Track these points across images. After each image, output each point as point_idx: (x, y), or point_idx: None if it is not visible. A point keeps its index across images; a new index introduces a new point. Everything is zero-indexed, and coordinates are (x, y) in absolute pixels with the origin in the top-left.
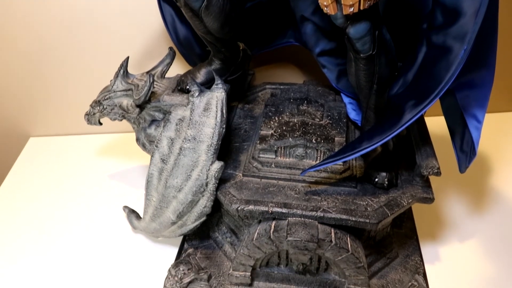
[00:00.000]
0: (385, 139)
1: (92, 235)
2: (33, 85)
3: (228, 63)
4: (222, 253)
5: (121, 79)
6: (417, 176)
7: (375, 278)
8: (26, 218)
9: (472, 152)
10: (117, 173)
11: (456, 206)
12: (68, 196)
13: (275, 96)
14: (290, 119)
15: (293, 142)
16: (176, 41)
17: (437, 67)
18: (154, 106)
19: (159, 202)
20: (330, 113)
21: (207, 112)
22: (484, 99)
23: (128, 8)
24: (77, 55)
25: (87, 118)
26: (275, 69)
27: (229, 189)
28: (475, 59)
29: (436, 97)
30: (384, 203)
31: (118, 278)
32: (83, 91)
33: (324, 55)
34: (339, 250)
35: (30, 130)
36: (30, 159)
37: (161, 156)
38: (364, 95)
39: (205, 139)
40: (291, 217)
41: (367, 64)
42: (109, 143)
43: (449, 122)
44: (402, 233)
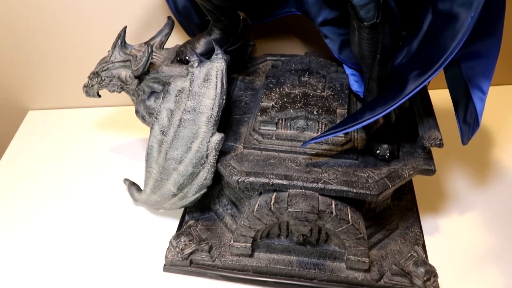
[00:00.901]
0: (388, 109)
1: (93, 208)
2: (31, 58)
3: (228, 33)
4: (223, 225)
5: (119, 49)
6: (419, 148)
7: (374, 249)
8: (26, 192)
9: (476, 123)
10: (117, 146)
11: (457, 179)
12: (68, 170)
13: (276, 68)
14: (291, 90)
15: (294, 114)
16: (175, 10)
17: (443, 35)
18: (153, 77)
19: (159, 174)
20: (332, 85)
21: (207, 83)
22: (489, 69)
23: None
24: (75, 26)
25: (86, 90)
26: (276, 40)
27: (229, 161)
28: (482, 28)
29: (441, 66)
30: (385, 175)
31: (120, 250)
32: (82, 63)
33: (327, 24)
34: (339, 222)
35: (29, 104)
36: (30, 132)
37: (160, 128)
38: (367, 66)
39: (205, 110)
40: (292, 188)
41: (371, 33)
42: (108, 116)
43: (452, 94)
44: (402, 205)
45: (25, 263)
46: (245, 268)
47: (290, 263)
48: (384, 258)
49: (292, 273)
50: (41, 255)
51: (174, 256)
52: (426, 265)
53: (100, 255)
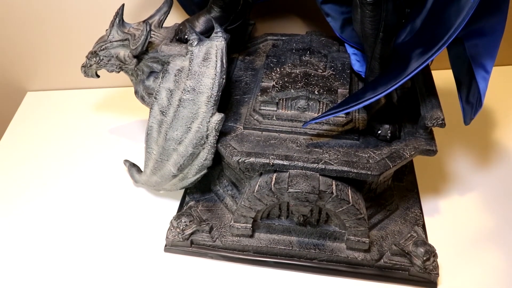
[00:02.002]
0: (390, 89)
1: (93, 190)
2: (29, 39)
3: (228, 11)
4: (223, 206)
5: (117, 28)
6: (421, 128)
7: (374, 229)
8: (26, 173)
9: (478, 103)
10: (117, 127)
11: (458, 160)
12: (68, 151)
13: (276, 47)
14: (292, 70)
15: (295, 94)
16: None
17: (447, 12)
18: (152, 57)
19: (159, 155)
20: (333, 64)
21: (207, 62)
22: (493, 48)
23: None
24: (73, 5)
25: (84, 70)
26: (277, 19)
27: (230, 142)
28: (487, 5)
29: (445, 44)
30: (386, 155)
31: (121, 231)
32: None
33: (328, 2)
34: (340, 202)
35: (28, 85)
36: (28, 114)
37: (160, 108)
38: (369, 44)
39: (204, 90)
40: (292, 169)
41: (374, 10)
42: (107, 97)
43: (456, 73)
44: (403, 186)
45: (25, 244)
46: (246, 248)
47: (290, 244)
48: (384, 238)
49: (292, 253)
50: (40, 236)
51: (175, 236)
52: (426, 245)
53: (101, 237)
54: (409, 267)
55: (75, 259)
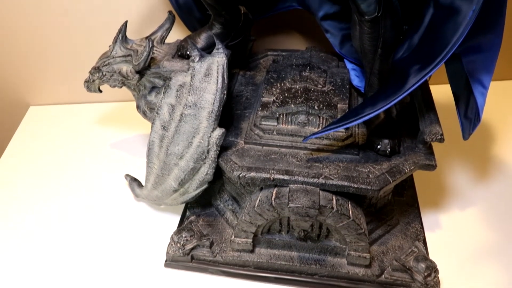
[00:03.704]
0: (389, 104)
1: (94, 204)
2: (32, 53)
3: (229, 28)
4: (224, 221)
5: (120, 44)
6: (420, 143)
7: (375, 244)
8: (27, 187)
9: (477, 118)
10: (118, 141)
11: (458, 174)
12: (70, 165)
13: (277, 63)
14: (292, 85)
15: (295, 109)
16: (176, 5)
17: (444, 29)
18: (154, 72)
19: (160, 170)
20: (333, 80)
21: (208, 78)
22: (490, 64)
23: None
24: (76, 21)
25: (87, 85)
26: (277, 35)
27: (230, 156)
28: (484, 21)
29: (442, 60)
30: (386, 170)
31: (122, 246)
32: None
33: (328, 19)
34: (340, 217)
35: (30, 99)
36: (31, 128)
37: (162, 123)
38: (368, 60)
39: (206, 105)
40: (293, 184)
41: (372, 27)
42: (109, 111)
43: (454, 88)
44: (403, 200)
45: (26, 258)
46: (246, 263)
47: (291, 259)
48: (385, 253)
49: (293, 269)
50: (42, 250)
51: (176, 251)
52: (427, 261)
53: (102, 251)
54: (410, 283)
55: (76, 272)
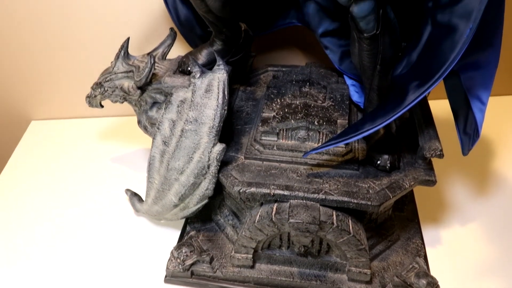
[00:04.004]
0: (388, 120)
1: (95, 218)
2: (34, 68)
3: (229, 44)
4: (224, 236)
5: (122, 60)
6: (420, 159)
7: (376, 260)
8: (29, 202)
9: (476, 134)
10: (119, 156)
11: (458, 189)
12: (70, 180)
13: (277, 78)
14: (292, 101)
15: (295, 124)
16: (177, 21)
17: (442, 46)
18: (156, 88)
19: (161, 185)
20: (332, 95)
21: (209, 94)
22: (488, 80)
23: None
24: (78, 37)
25: (88, 100)
26: (277, 51)
27: (231, 172)
28: (481, 39)
29: (441, 77)
30: (386, 185)
31: (122, 261)
32: (85, 74)
33: (327, 35)
34: (340, 233)
35: (32, 114)
36: (32, 142)
37: (162, 139)
38: (367, 76)
39: (206, 120)
40: (293, 199)
41: (371, 44)
42: (110, 126)
43: (452, 104)
44: (403, 216)
45: (26, 271)
46: (246, 279)
47: (291, 275)
48: (385, 269)
49: (294, 285)
50: (43, 263)
51: (175, 267)
52: (428, 277)
53: (102, 266)
54: None
55: (76, 287)
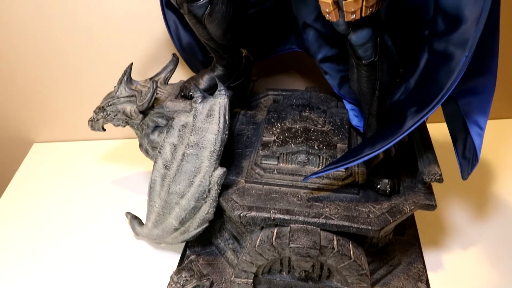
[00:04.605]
0: (387, 145)
1: (95, 241)
2: (36, 91)
3: (230, 70)
4: (224, 260)
5: (125, 85)
6: (420, 183)
7: (377, 285)
8: (30, 224)
9: (475, 158)
10: (120, 179)
11: (459, 213)
12: (71, 202)
13: (277, 103)
14: (293, 125)
15: (295, 149)
16: (180, 47)
17: (439, 73)
18: (157, 112)
19: (161, 208)
20: (332, 120)
21: (210, 118)
22: (486, 105)
23: (132, 15)
24: (81, 61)
25: (91, 124)
26: (277, 75)
27: (231, 195)
28: (477, 66)
29: (438, 103)
30: (387, 210)
31: (121, 284)
32: (87, 97)
33: (326, 61)
34: (341, 257)
35: (34, 136)
36: (34, 165)
37: (164, 162)
38: (366, 102)
39: (207, 145)
40: (294, 223)
41: (369, 70)
42: (112, 149)
43: (451, 129)
44: (404, 240)
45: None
46: None
47: None
48: None
49: None
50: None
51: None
52: None
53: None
54: None
55: None
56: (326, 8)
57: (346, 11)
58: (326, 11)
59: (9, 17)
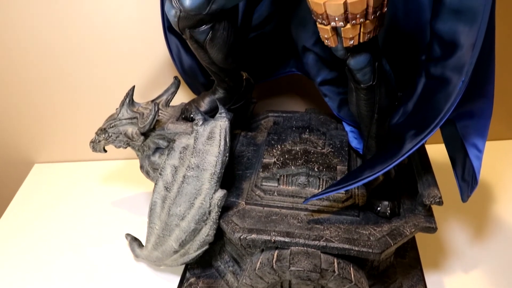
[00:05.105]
0: (387, 168)
1: (95, 262)
2: (37, 111)
3: (231, 92)
4: (224, 283)
5: (127, 107)
6: (419, 205)
7: None
8: (30, 244)
9: (474, 181)
10: (121, 200)
11: (459, 235)
12: (72, 223)
13: (277, 124)
14: (293, 147)
15: (295, 171)
16: (181, 70)
17: (436, 97)
18: (159, 134)
19: (161, 231)
20: (332, 142)
21: (211, 141)
22: (483, 128)
23: (135, 39)
24: (84, 83)
25: (92, 145)
26: (277, 97)
27: (231, 218)
28: (474, 90)
29: (436, 127)
30: (387, 232)
31: None
32: (88, 118)
33: (326, 84)
34: (342, 281)
35: (35, 157)
36: (35, 185)
37: (164, 184)
38: (365, 124)
39: (208, 167)
40: (294, 246)
41: (368, 94)
42: (113, 169)
43: (450, 151)
44: (405, 262)
45: None
46: None
47: None
48: None
49: None
50: None
51: None
52: None
53: None
54: None
55: None
56: (325, 34)
57: (344, 37)
58: (325, 37)
59: (11, 38)
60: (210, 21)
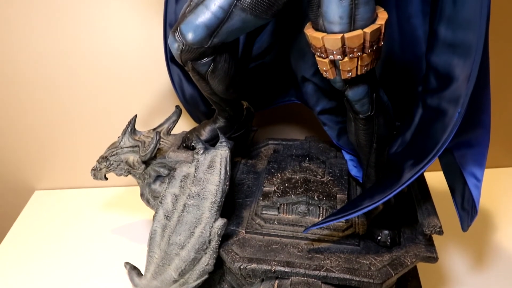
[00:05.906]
0: (386, 197)
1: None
2: (38, 138)
3: (232, 121)
4: None
5: (129, 136)
6: (420, 234)
7: None
8: (29, 272)
9: (474, 210)
10: (121, 227)
11: (460, 264)
12: (71, 251)
13: (277, 152)
14: (293, 175)
15: (295, 199)
16: (183, 99)
17: (434, 128)
18: (160, 162)
19: (161, 260)
20: (331, 170)
21: (211, 170)
22: (481, 158)
23: (138, 69)
24: (86, 111)
25: (94, 173)
26: (277, 125)
27: (231, 247)
28: (470, 120)
29: (434, 157)
30: (388, 262)
31: None
32: (89, 145)
33: (325, 113)
34: None
35: (35, 183)
36: (35, 212)
37: (165, 213)
38: (364, 153)
39: (208, 196)
40: (294, 276)
41: (366, 124)
42: (113, 197)
43: (449, 180)
44: None
45: None
46: None
47: None
48: None
49: None
50: None
51: None
52: None
53: None
54: None
55: None
56: (323, 66)
57: (342, 70)
58: (323, 69)
59: (10, 63)
60: (212, 53)
